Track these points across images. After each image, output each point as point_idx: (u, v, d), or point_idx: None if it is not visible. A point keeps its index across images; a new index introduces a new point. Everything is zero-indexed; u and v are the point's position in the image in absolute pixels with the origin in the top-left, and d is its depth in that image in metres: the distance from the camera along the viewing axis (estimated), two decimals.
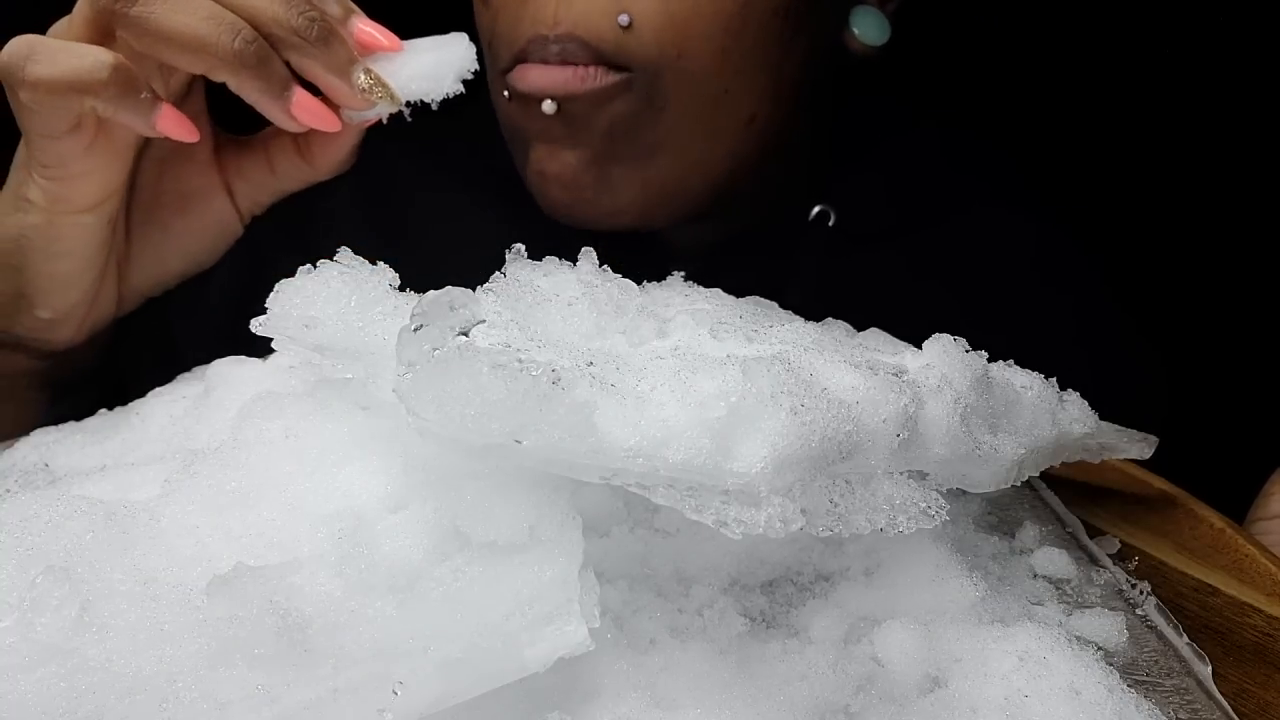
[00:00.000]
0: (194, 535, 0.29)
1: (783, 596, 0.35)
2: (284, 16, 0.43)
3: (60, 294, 0.49)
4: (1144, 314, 0.66)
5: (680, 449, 0.27)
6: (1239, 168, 0.80)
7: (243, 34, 0.43)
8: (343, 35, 0.45)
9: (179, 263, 0.53)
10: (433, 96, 0.47)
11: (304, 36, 0.44)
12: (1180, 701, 0.33)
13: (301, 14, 0.44)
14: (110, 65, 0.42)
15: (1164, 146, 0.80)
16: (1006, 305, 0.62)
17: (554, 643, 0.27)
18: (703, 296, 0.40)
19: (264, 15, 0.43)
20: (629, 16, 0.51)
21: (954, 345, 0.36)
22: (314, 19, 0.44)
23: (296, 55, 0.44)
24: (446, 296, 0.29)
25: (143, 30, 0.43)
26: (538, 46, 0.53)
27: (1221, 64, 0.79)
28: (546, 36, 0.52)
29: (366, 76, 0.46)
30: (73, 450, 0.38)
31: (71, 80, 0.42)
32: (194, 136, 0.46)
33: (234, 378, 0.38)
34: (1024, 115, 0.77)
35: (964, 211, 0.66)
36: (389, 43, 0.47)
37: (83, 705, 0.25)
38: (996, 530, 0.40)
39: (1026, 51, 0.80)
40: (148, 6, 0.42)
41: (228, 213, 0.53)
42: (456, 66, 0.47)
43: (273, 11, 0.43)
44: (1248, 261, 0.80)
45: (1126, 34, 0.80)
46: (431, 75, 0.47)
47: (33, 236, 0.47)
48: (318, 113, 0.46)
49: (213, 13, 0.43)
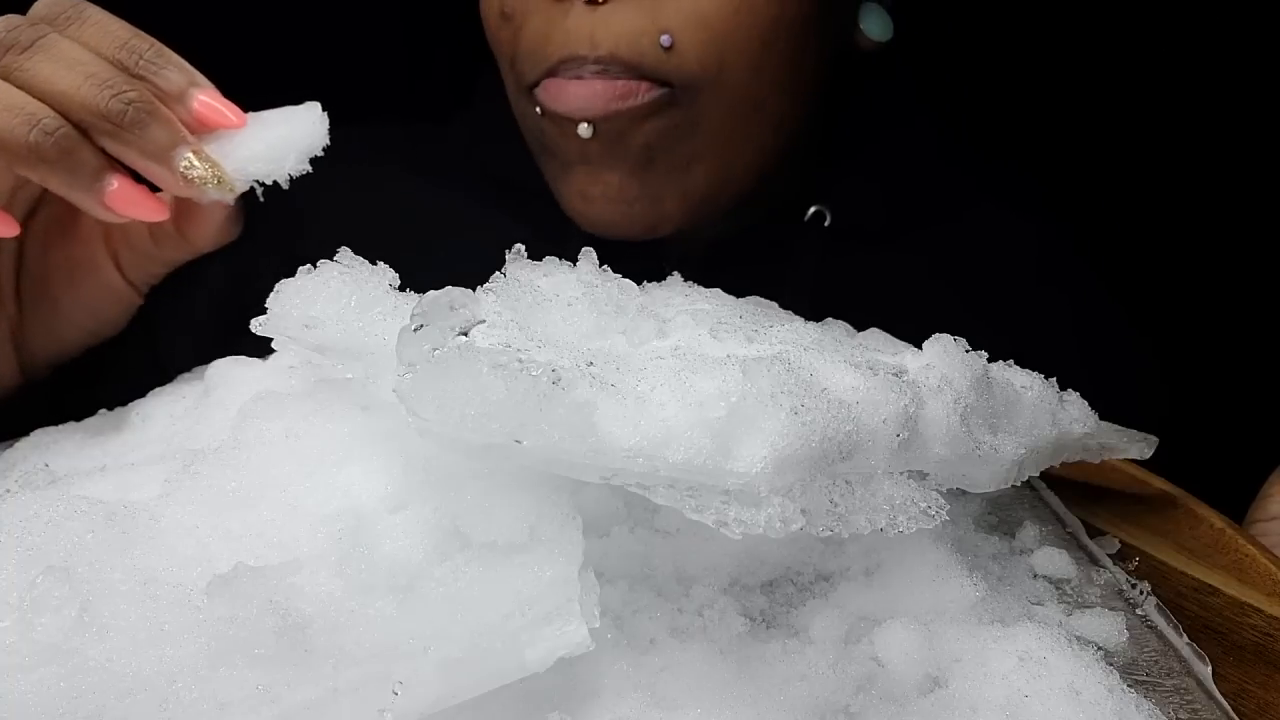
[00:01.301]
0: (194, 535, 0.29)
1: (783, 596, 0.35)
2: (93, 101, 0.40)
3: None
4: (1144, 314, 0.66)
5: (680, 449, 0.27)
6: (1239, 168, 0.80)
7: (42, 125, 0.39)
8: (165, 115, 0.42)
9: (75, 334, 0.51)
10: (272, 177, 0.44)
11: (115, 122, 0.40)
12: (1180, 701, 0.33)
13: (115, 96, 0.40)
14: None
15: (1164, 146, 0.80)
16: (1006, 305, 0.62)
17: (554, 643, 0.27)
18: (703, 296, 0.40)
19: (72, 101, 0.40)
20: (671, 37, 0.51)
21: (954, 345, 0.36)
22: (129, 101, 0.41)
23: (110, 141, 0.41)
24: (446, 296, 0.29)
25: None
26: (572, 65, 0.52)
27: (1222, 64, 0.79)
28: (585, 57, 0.51)
29: (192, 160, 0.42)
30: (73, 450, 0.38)
31: None
32: (15, 231, 0.43)
33: (234, 378, 0.38)
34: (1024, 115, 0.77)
35: (963, 211, 0.66)
36: (233, 118, 0.44)
37: (83, 705, 0.25)
38: (996, 530, 0.40)
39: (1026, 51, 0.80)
40: None
41: (118, 284, 0.50)
42: (302, 144, 0.44)
43: (81, 97, 0.40)
44: (1247, 261, 0.80)
45: (1125, 34, 0.80)
46: (273, 155, 0.44)
47: None
48: (138, 202, 0.42)
49: (9, 103, 0.39)
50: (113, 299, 0.51)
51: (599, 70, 0.51)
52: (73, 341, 0.51)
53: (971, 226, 0.65)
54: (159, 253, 0.49)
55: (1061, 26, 0.81)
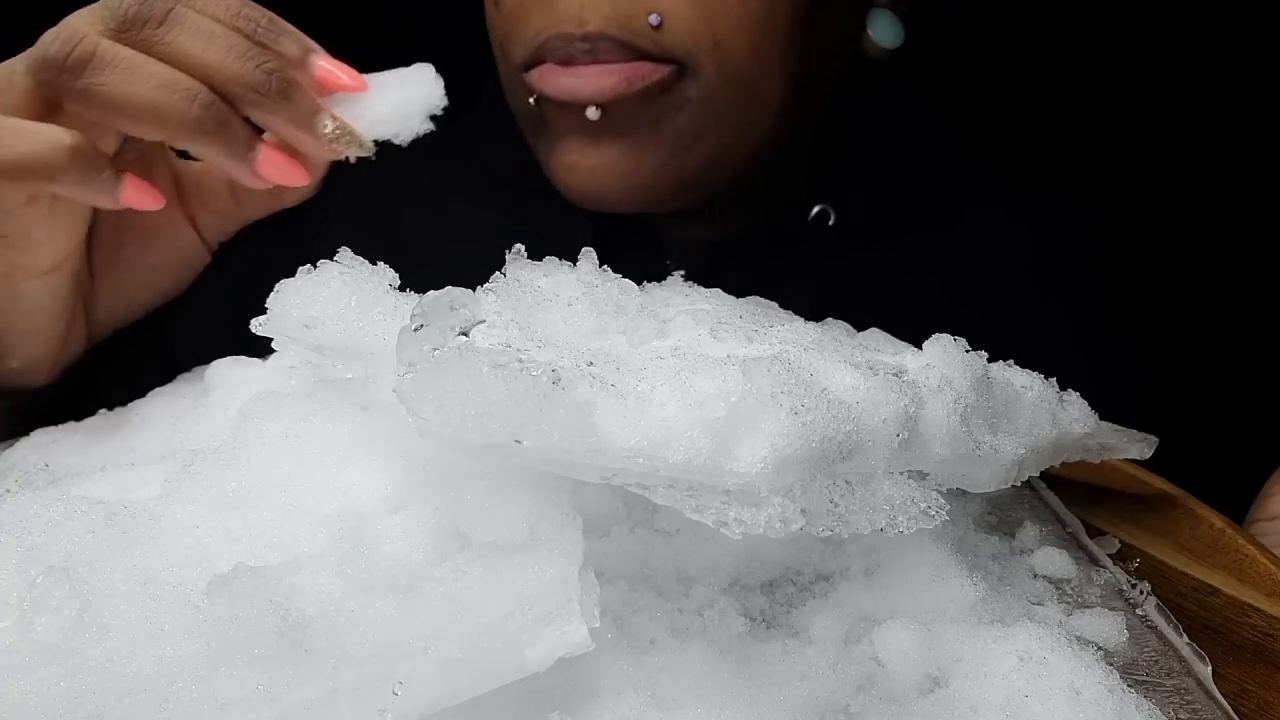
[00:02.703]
0: (194, 535, 0.29)
1: (783, 596, 0.35)
2: (241, 73, 0.41)
3: (29, 345, 0.47)
4: (1144, 314, 0.66)
5: (680, 449, 0.27)
6: (1239, 168, 0.80)
7: (199, 99, 0.40)
8: (303, 83, 0.43)
9: (146, 295, 0.51)
10: (401, 138, 0.45)
11: (263, 92, 0.41)
12: (1180, 701, 0.33)
13: (259, 67, 0.41)
14: (69, 148, 0.40)
15: (1165, 146, 0.80)
16: (1006, 305, 0.62)
17: (554, 643, 0.27)
18: (703, 296, 0.40)
19: (220, 74, 0.41)
20: (659, 16, 0.51)
21: (954, 345, 0.36)
22: (272, 71, 0.42)
23: (258, 112, 0.42)
24: (446, 296, 0.29)
25: (93, 103, 0.40)
26: (560, 44, 0.52)
27: (1222, 64, 0.79)
28: (572, 35, 0.51)
29: (332, 124, 0.43)
30: (73, 450, 0.38)
31: (28, 166, 0.39)
32: (159, 203, 0.44)
33: (234, 378, 0.38)
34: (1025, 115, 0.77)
35: (965, 212, 0.66)
36: (351, 81, 0.45)
37: (83, 705, 0.25)
38: (996, 530, 0.40)
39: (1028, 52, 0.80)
40: (95, 77, 0.39)
41: (193, 244, 0.51)
42: (424, 104, 0.45)
43: (229, 69, 0.41)
44: (1247, 261, 0.80)
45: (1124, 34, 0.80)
46: (399, 116, 0.45)
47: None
48: (285, 168, 0.44)
49: (166, 79, 0.40)
50: (185, 259, 0.51)
51: (587, 49, 0.52)
52: (143, 302, 0.52)
53: (973, 227, 0.65)
54: (239, 211, 0.50)
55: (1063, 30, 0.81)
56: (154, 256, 0.50)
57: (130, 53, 0.40)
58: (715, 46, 0.52)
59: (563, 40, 0.52)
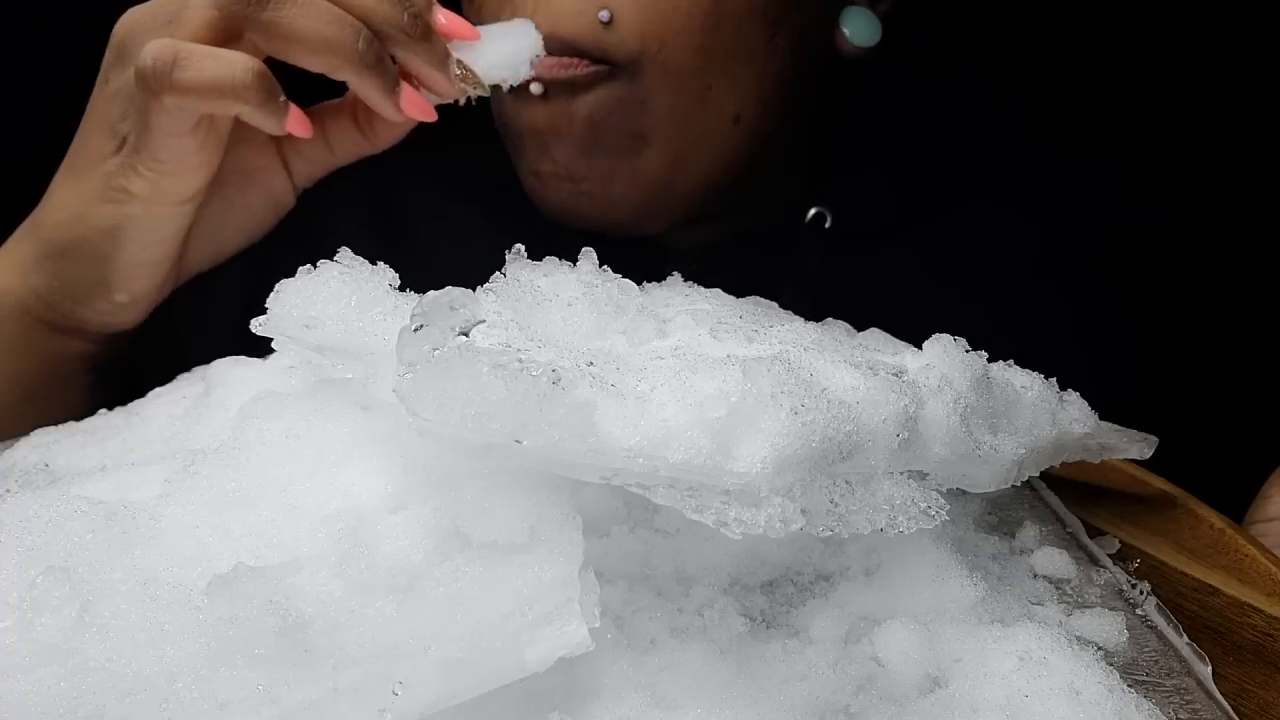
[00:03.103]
0: (194, 535, 0.29)
1: (783, 596, 0.35)
2: (393, 16, 0.46)
3: (142, 279, 0.51)
4: (1144, 314, 0.66)
5: (680, 449, 0.27)
6: (1239, 167, 0.80)
7: (364, 35, 0.45)
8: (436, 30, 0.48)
9: (236, 238, 0.54)
10: (511, 82, 0.51)
11: (410, 33, 0.46)
12: (1180, 701, 0.33)
13: (406, 11, 0.46)
14: (257, 72, 0.44)
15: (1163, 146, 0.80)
16: (1006, 305, 0.62)
17: (554, 643, 0.27)
18: (703, 296, 0.40)
19: (376, 15, 0.45)
20: (609, 12, 0.52)
21: (954, 345, 0.36)
22: (416, 15, 0.46)
23: (402, 51, 0.47)
24: (446, 296, 0.29)
25: (274, 34, 0.44)
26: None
27: (1222, 62, 0.79)
28: None
29: (459, 68, 0.48)
30: (73, 450, 0.38)
31: (222, 87, 0.43)
32: (310, 132, 0.48)
33: (234, 378, 0.38)
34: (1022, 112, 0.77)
35: (962, 211, 0.66)
36: (468, 32, 0.49)
37: (83, 705, 0.25)
38: (996, 530, 0.40)
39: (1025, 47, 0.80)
40: (278, 10, 0.44)
41: (284, 188, 0.54)
42: (530, 53, 0.51)
43: (383, 11, 0.45)
44: (1247, 261, 0.80)
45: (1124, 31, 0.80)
46: (509, 63, 0.50)
47: (129, 227, 0.48)
48: (423, 106, 0.48)
49: (335, 16, 0.44)
50: (275, 203, 0.54)
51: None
52: (231, 246, 0.55)
53: (972, 227, 0.65)
54: (330, 158, 0.54)
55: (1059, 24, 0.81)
56: (248, 199, 0.53)
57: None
58: (660, 50, 0.53)
59: None
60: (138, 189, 0.47)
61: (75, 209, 0.49)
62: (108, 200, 0.48)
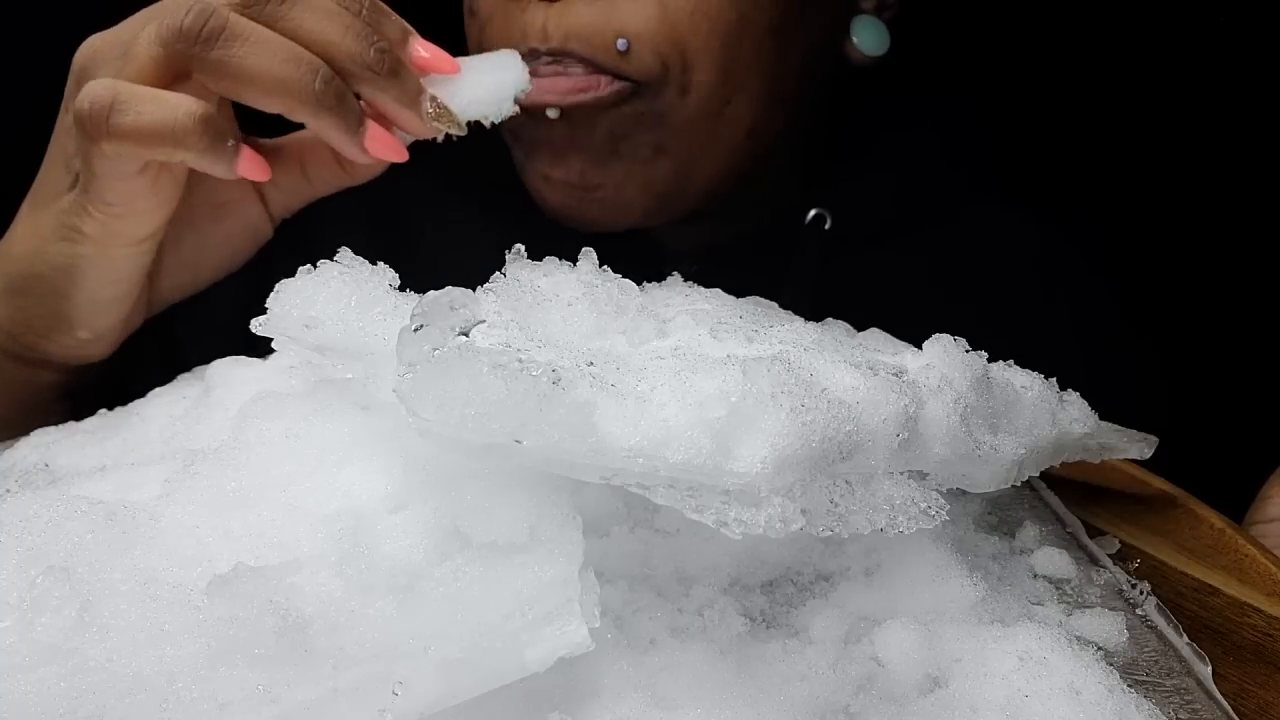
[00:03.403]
0: (194, 535, 0.29)
1: (783, 596, 0.35)
2: (356, 51, 0.43)
3: (104, 316, 0.49)
4: (1144, 314, 0.66)
5: (680, 449, 0.27)
6: (1239, 167, 0.80)
7: (321, 74, 0.42)
8: (408, 64, 0.45)
9: (209, 269, 0.53)
10: (492, 118, 0.48)
11: (376, 70, 0.44)
12: (1180, 701, 0.33)
13: (373, 46, 0.44)
14: (200, 117, 0.41)
15: (1164, 146, 0.80)
16: (1007, 306, 0.62)
17: (554, 643, 0.27)
18: (703, 297, 0.40)
19: (339, 51, 0.43)
20: (626, 42, 0.52)
21: (954, 345, 0.36)
22: (384, 50, 0.44)
23: (369, 89, 0.44)
24: (446, 296, 0.29)
25: (223, 73, 0.42)
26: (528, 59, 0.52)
27: (1222, 63, 0.79)
28: (537, 49, 0.52)
29: (433, 105, 0.46)
30: (73, 450, 0.38)
31: (161, 133, 0.41)
32: (267, 175, 0.45)
33: (234, 378, 0.38)
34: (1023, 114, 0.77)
35: (962, 211, 0.66)
36: (446, 65, 0.47)
37: (83, 705, 0.25)
38: (996, 530, 0.40)
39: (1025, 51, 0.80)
40: (227, 49, 0.41)
41: (260, 219, 0.52)
42: (514, 87, 0.48)
43: (346, 46, 0.43)
44: (1247, 261, 0.80)
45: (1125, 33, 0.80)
46: (491, 98, 0.48)
47: (83, 267, 0.46)
48: (390, 145, 0.46)
49: (291, 54, 0.42)
50: (251, 234, 0.53)
51: (551, 63, 0.52)
52: (205, 277, 0.53)
53: (972, 228, 0.65)
54: (307, 188, 0.51)
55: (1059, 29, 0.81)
56: (222, 231, 0.52)
57: (259, 28, 0.42)
58: (683, 71, 0.53)
59: (529, 56, 0.52)
60: (89, 229, 0.45)
61: (33, 244, 0.47)
62: (61, 238, 0.46)
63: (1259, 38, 0.78)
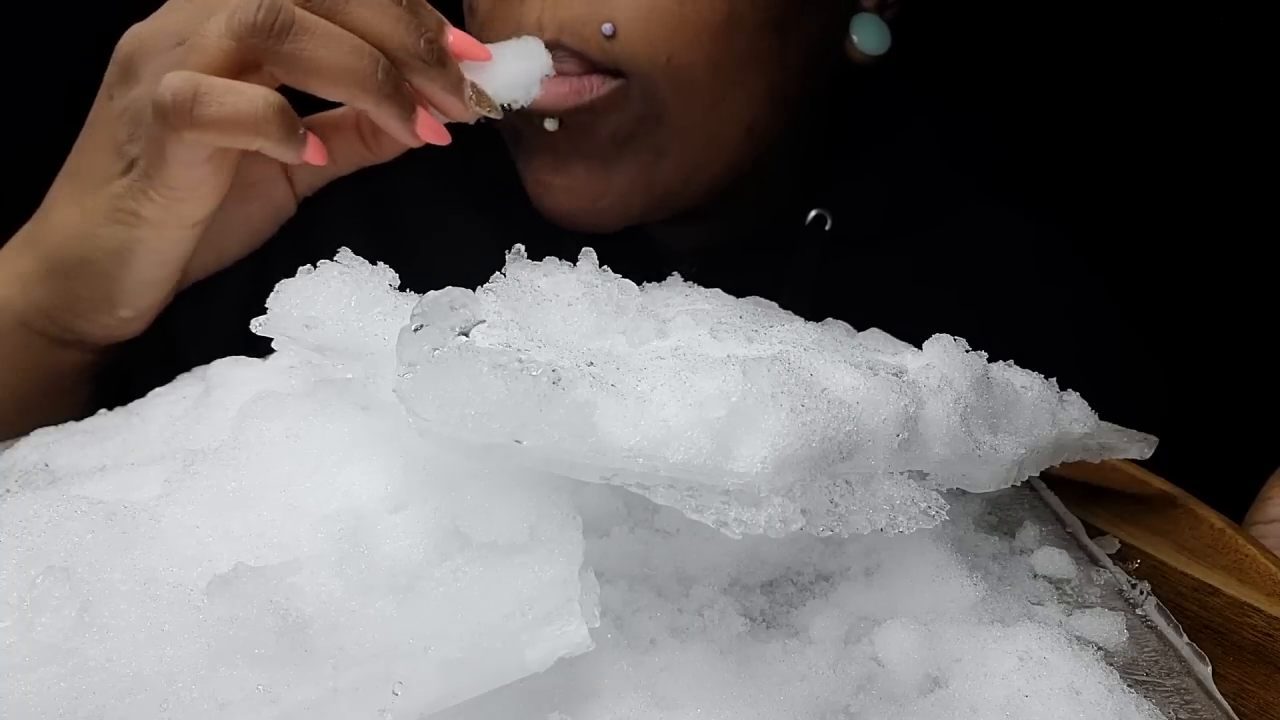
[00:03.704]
0: (194, 535, 0.29)
1: (783, 596, 0.35)
2: (409, 42, 0.46)
3: (148, 295, 0.51)
4: (1144, 313, 0.66)
5: (680, 449, 0.27)
6: (1239, 167, 0.80)
7: (382, 65, 0.45)
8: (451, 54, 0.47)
9: (237, 247, 0.54)
10: (521, 102, 0.50)
11: (425, 59, 0.46)
12: (1180, 701, 0.33)
13: (422, 37, 0.46)
14: (278, 107, 0.44)
15: (1163, 145, 0.80)
16: (1007, 306, 0.62)
17: (554, 643, 0.27)
18: (703, 297, 0.40)
19: (392, 41, 0.45)
20: (612, 26, 0.52)
21: (954, 345, 0.36)
22: (431, 41, 0.46)
23: (419, 77, 0.46)
24: (447, 297, 0.29)
25: (294, 66, 0.44)
26: None
27: (1221, 62, 0.79)
28: None
29: (472, 90, 0.48)
30: (73, 450, 0.38)
31: (244, 123, 0.43)
32: (325, 160, 0.48)
33: (234, 378, 0.38)
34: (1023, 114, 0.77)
35: (961, 211, 0.66)
36: (479, 52, 0.49)
37: (83, 705, 0.25)
38: (996, 530, 0.40)
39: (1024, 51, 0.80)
40: (297, 42, 0.44)
41: (286, 197, 0.54)
42: (540, 71, 0.51)
43: (399, 38, 0.45)
44: (1247, 261, 0.80)
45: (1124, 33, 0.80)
46: (521, 83, 0.50)
47: (138, 249, 0.48)
48: (438, 130, 0.48)
49: (354, 46, 0.44)
50: (275, 212, 0.55)
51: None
52: (232, 254, 0.55)
53: (972, 228, 0.65)
54: (331, 168, 0.53)
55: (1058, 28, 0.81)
56: (250, 208, 0.53)
57: (323, 22, 0.44)
58: (669, 63, 0.53)
59: None
60: (148, 213, 0.47)
61: (80, 227, 0.49)
62: (115, 221, 0.48)
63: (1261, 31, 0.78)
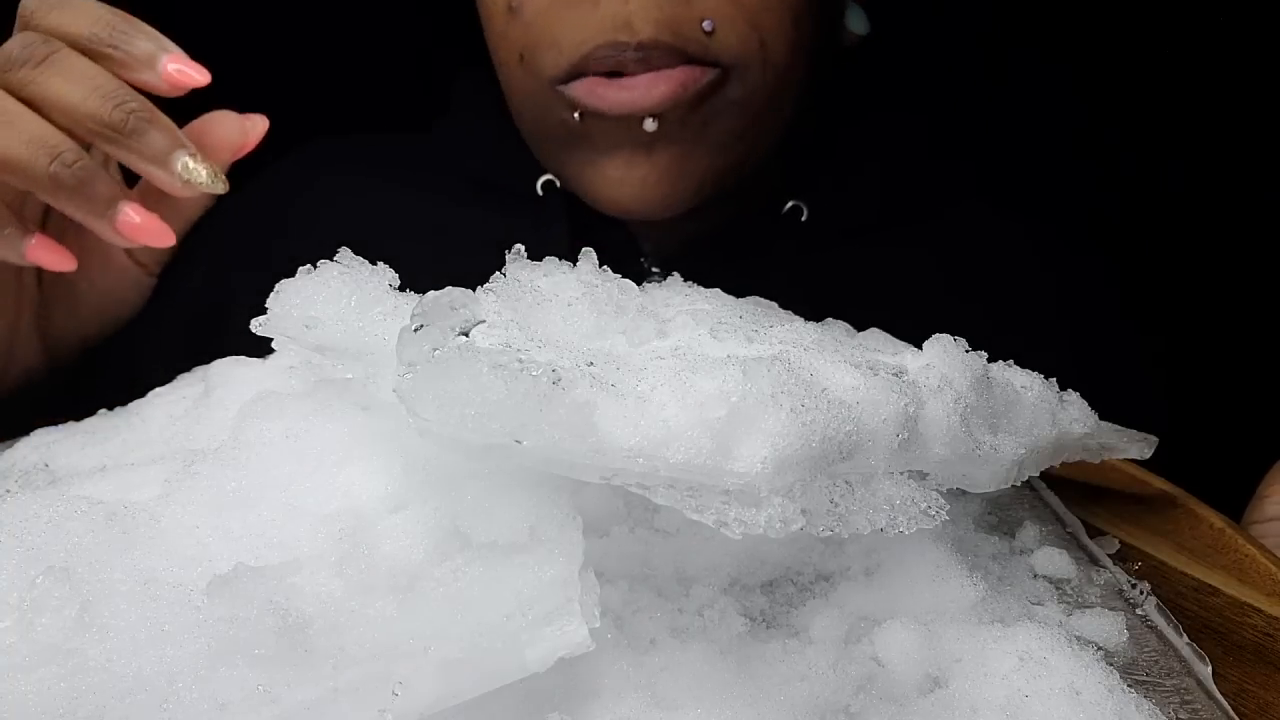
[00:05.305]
0: (194, 535, 0.29)
1: (783, 596, 0.35)
2: (97, 111, 0.43)
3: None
4: (1144, 314, 0.66)
5: (680, 449, 0.27)
6: (1238, 166, 0.80)
7: (61, 156, 0.42)
8: (164, 123, 0.44)
9: (94, 317, 0.53)
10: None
11: (117, 129, 0.43)
12: (1180, 701, 0.33)
13: (117, 107, 0.43)
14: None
15: (1161, 142, 0.80)
16: (1005, 306, 0.61)
17: (554, 643, 0.27)
18: (703, 297, 0.39)
19: (78, 113, 0.43)
20: (712, 22, 0.51)
21: (954, 345, 0.36)
22: (130, 111, 0.43)
23: (114, 149, 0.44)
24: (446, 296, 0.29)
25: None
26: (608, 54, 0.51)
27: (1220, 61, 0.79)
28: (625, 43, 0.50)
29: (190, 162, 0.44)
30: (73, 450, 0.38)
31: None
32: (70, 264, 0.46)
33: (234, 378, 0.38)
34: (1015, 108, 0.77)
35: (944, 207, 0.65)
36: (199, 78, 0.46)
37: (83, 705, 0.25)
38: (996, 530, 0.40)
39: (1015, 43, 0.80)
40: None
41: (129, 267, 0.53)
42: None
43: (87, 108, 0.42)
44: (1247, 261, 0.80)
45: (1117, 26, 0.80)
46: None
47: None
48: (147, 228, 0.45)
49: (33, 134, 0.42)
50: (126, 281, 0.53)
51: (639, 58, 0.50)
52: (93, 324, 0.54)
53: (954, 223, 0.65)
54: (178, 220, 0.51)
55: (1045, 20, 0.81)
56: (96, 280, 0.52)
57: (7, 102, 0.42)
58: (761, 48, 0.53)
59: (612, 49, 0.50)
60: None
61: None
62: None
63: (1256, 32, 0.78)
